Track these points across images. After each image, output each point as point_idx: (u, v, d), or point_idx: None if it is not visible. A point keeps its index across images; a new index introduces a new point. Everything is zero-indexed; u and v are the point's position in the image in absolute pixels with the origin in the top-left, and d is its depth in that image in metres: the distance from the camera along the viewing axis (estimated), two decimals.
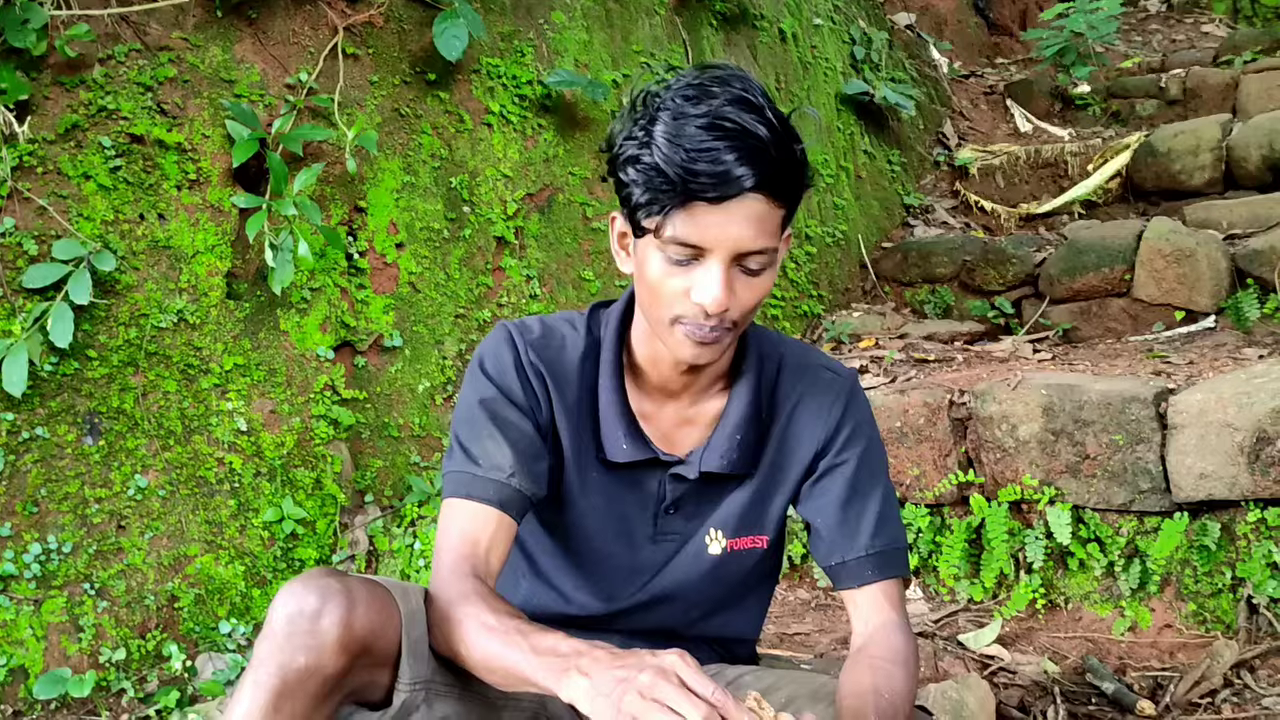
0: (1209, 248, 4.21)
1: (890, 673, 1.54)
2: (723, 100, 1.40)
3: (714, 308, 1.44)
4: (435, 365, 3.63)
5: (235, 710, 1.45)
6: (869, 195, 5.64)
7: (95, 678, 2.71)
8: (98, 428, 2.86)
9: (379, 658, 1.53)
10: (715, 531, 1.73)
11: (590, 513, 1.73)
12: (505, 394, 1.64)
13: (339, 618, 1.45)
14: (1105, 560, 2.94)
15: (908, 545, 1.74)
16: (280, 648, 1.44)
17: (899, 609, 1.66)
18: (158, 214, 3.00)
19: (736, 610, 1.85)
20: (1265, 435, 2.70)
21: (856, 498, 1.68)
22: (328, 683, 1.45)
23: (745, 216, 1.41)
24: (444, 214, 3.67)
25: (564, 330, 1.70)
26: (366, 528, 3.31)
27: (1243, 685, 2.52)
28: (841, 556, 1.67)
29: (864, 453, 1.70)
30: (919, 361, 4.02)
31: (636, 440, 1.67)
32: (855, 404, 1.72)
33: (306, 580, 1.48)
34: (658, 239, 1.44)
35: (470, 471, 1.61)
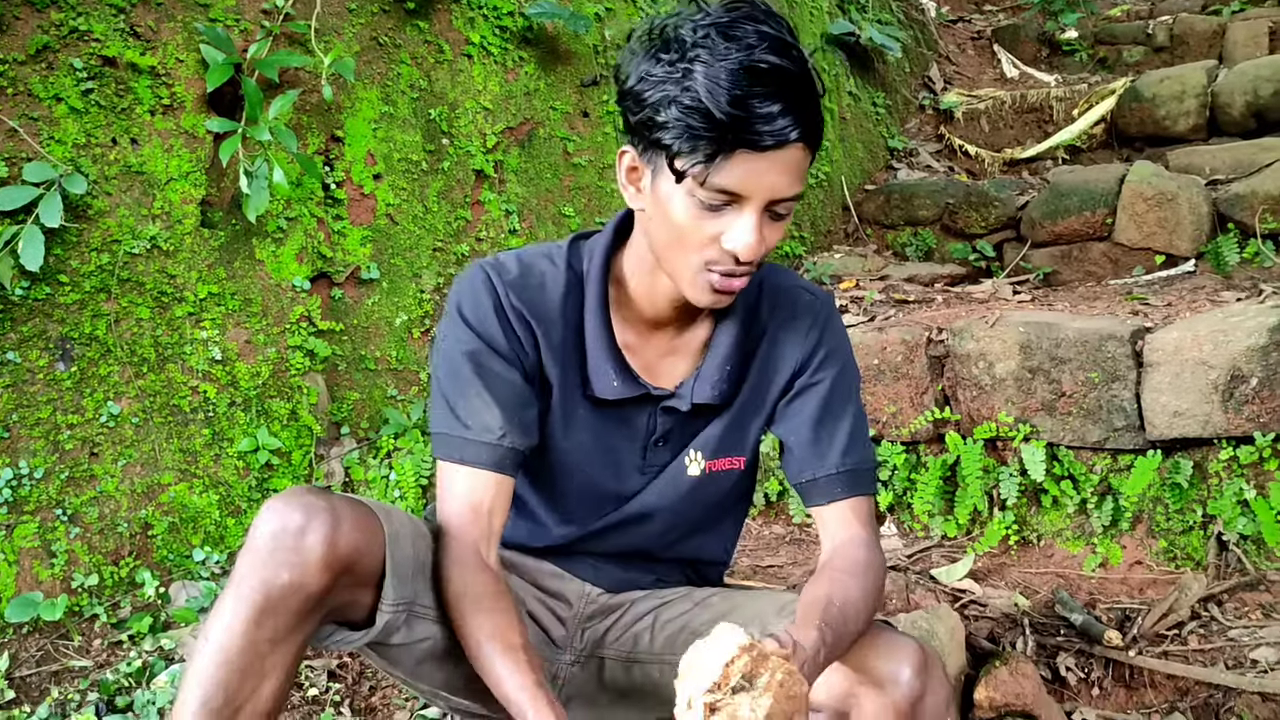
0: (1190, 191, 4.21)
1: (846, 584, 1.56)
2: (759, 41, 1.38)
3: (748, 255, 1.44)
4: (413, 299, 3.60)
5: (215, 623, 1.44)
6: (853, 137, 5.60)
7: (67, 602, 2.70)
8: (70, 353, 2.84)
9: (361, 577, 1.53)
10: (695, 453, 1.75)
11: (576, 449, 1.73)
12: (488, 343, 1.62)
13: (324, 535, 1.45)
14: (1078, 497, 2.96)
15: (876, 464, 1.77)
16: (264, 563, 1.43)
17: (866, 525, 1.68)
18: (130, 139, 2.96)
19: (711, 532, 1.87)
20: (1240, 373, 2.70)
21: (829, 417, 1.70)
22: (310, 600, 1.45)
23: (786, 165, 1.41)
24: (422, 146, 3.63)
25: (543, 266, 1.68)
26: (342, 459, 3.30)
27: (1209, 618, 2.54)
28: (812, 473, 1.69)
29: (839, 373, 1.72)
30: (899, 302, 4.01)
31: (626, 376, 1.66)
32: (832, 325, 1.73)
33: (291, 497, 1.48)
34: (697, 184, 1.42)
35: (460, 435, 1.61)
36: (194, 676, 1.44)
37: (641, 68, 1.45)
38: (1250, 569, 2.71)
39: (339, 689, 2.51)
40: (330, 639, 1.61)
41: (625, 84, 1.48)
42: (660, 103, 1.41)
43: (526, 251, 1.70)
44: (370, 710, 2.48)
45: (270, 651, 1.45)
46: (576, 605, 1.84)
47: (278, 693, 1.49)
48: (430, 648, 1.68)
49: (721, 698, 1.23)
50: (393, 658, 1.70)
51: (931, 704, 1.59)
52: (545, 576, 1.84)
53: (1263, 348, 2.70)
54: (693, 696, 1.24)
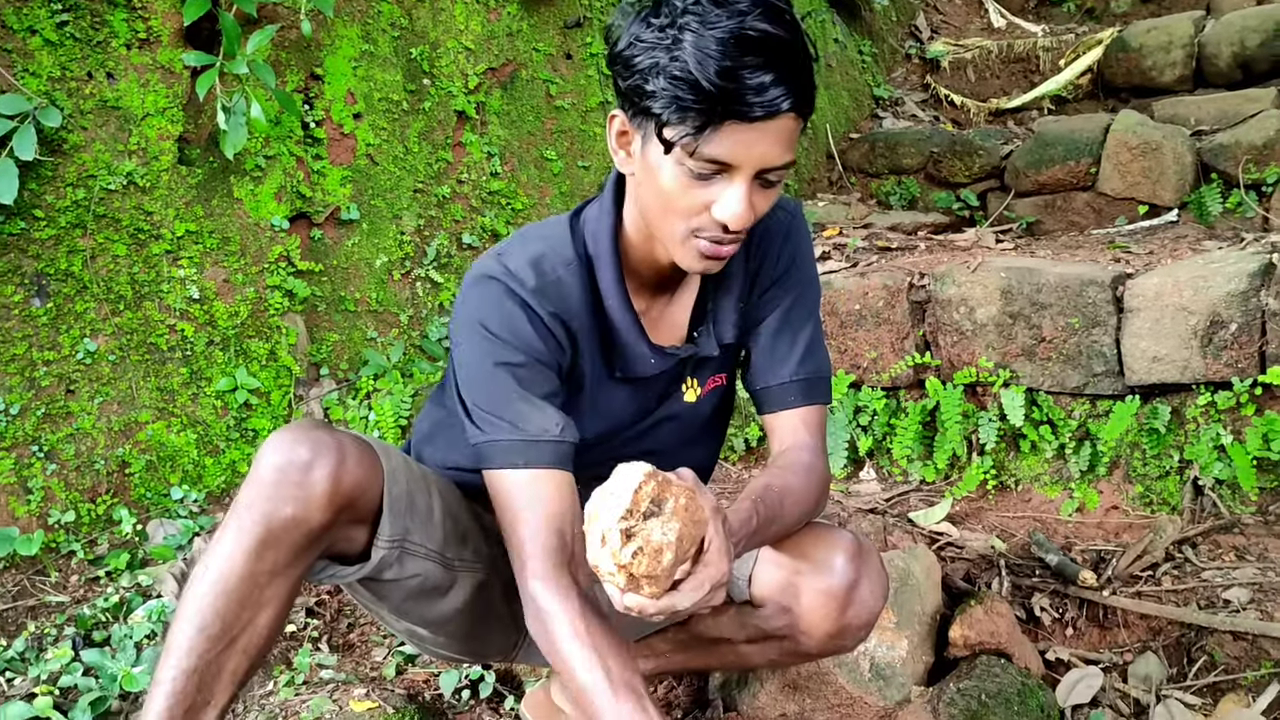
0: (1175, 141, 4.20)
1: (786, 477, 1.61)
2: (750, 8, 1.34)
3: (739, 224, 1.42)
4: (393, 240, 3.57)
5: (215, 553, 1.45)
6: (839, 85, 5.57)
7: (44, 538, 2.69)
8: (45, 289, 2.81)
9: (360, 514, 1.54)
10: (691, 380, 1.77)
11: (603, 416, 1.73)
12: (530, 354, 1.56)
13: (329, 472, 1.45)
14: (1056, 443, 2.97)
15: (831, 374, 1.78)
16: (267, 497, 1.44)
17: (816, 433, 1.72)
18: (106, 73, 2.91)
19: (697, 446, 1.90)
20: (1219, 319, 2.71)
21: (788, 328, 1.72)
22: (311, 536, 1.46)
23: (776, 135, 1.38)
24: (403, 85, 3.59)
25: (553, 258, 1.62)
26: (321, 400, 3.29)
27: (1183, 559, 2.56)
28: (767, 381, 1.72)
29: (802, 286, 1.74)
30: (881, 249, 4.00)
31: (658, 353, 1.67)
32: (801, 237, 1.75)
33: (297, 430, 1.47)
34: (686, 154, 1.39)
35: (519, 438, 1.54)
36: (192, 603, 1.45)
37: (632, 31, 1.41)
38: (1225, 512, 2.73)
39: (317, 625, 2.51)
40: (323, 573, 1.62)
41: (615, 47, 1.44)
42: (649, 71, 1.37)
43: (530, 246, 1.62)
44: (348, 647, 2.48)
45: (268, 583, 1.46)
46: None
47: (273, 624, 1.50)
48: (419, 584, 1.69)
49: (635, 524, 1.26)
50: (381, 593, 1.71)
51: (867, 589, 1.66)
52: None
53: (1242, 293, 2.70)
54: (606, 530, 1.27)
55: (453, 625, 1.81)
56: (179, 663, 1.43)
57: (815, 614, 1.67)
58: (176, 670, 1.43)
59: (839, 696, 2.09)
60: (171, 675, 1.43)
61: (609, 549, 1.27)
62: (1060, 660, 2.28)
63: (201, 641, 1.43)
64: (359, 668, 2.36)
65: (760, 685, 2.15)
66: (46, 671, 2.25)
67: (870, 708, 2.07)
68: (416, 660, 2.38)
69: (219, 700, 1.46)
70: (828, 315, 3.25)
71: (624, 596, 1.30)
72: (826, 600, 1.65)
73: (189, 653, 1.43)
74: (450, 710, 2.21)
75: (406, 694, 2.20)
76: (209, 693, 1.45)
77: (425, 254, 3.67)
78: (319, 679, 2.26)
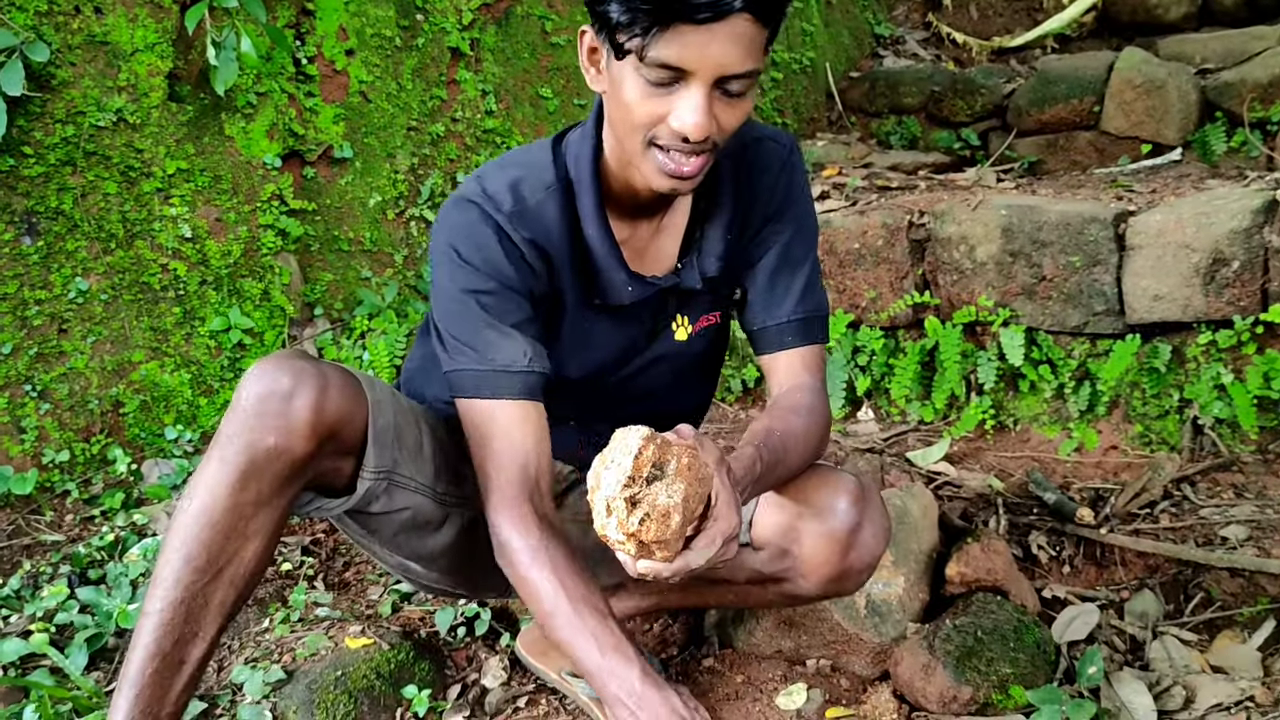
0: (1179, 79, 4.14)
1: (788, 419, 1.59)
2: None
3: (695, 134, 1.38)
4: (386, 179, 3.54)
5: (199, 483, 1.44)
6: (839, 23, 5.49)
7: (38, 477, 2.68)
8: (35, 227, 2.77)
9: (345, 445, 1.53)
10: (681, 318, 1.74)
11: (587, 349, 1.72)
12: (501, 281, 1.56)
13: (311, 401, 1.44)
14: (1056, 382, 2.95)
15: (828, 313, 1.76)
16: (250, 426, 1.42)
17: (815, 373, 1.70)
18: (94, 7, 2.86)
19: (693, 385, 1.89)
20: (1222, 256, 2.68)
21: (786, 267, 1.69)
22: (294, 466, 1.45)
23: (731, 37, 1.33)
24: (396, 21, 3.53)
25: (533, 181, 1.61)
26: (315, 340, 3.26)
27: (1182, 497, 2.55)
28: (764, 321, 1.70)
29: (799, 223, 1.71)
30: (881, 188, 3.96)
31: (636, 279, 1.64)
32: (797, 173, 1.71)
33: (279, 360, 1.46)
34: (638, 60, 1.36)
35: (486, 368, 1.55)
36: (178, 534, 1.44)
37: None
38: (1224, 451, 2.72)
39: (313, 564, 2.51)
40: (309, 506, 1.61)
41: None
42: None
43: (509, 169, 1.62)
44: (344, 585, 2.48)
45: (254, 514, 1.45)
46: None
47: (260, 555, 1.49)
48: (410, 518, 1.68)
49: (639, 490, 1.25)
50: (371, 526, 1.70)
51: (869, 533, 1.64)
52: None
53: (1245, 230, 2.67)
54: (610, 498, 1.25)
55: (445, 561, 1.80)
56: (166, 594, 1.42)
57: (816, 558, 1.65)
58: (164, 602, 1.42)
59: (835, 633, 2.09)
60: (159, 607, 1.42)
61: (615, 518, 1.25)
62: (1057, 598, 2.28)
63: (188, 573, 1.42)
64: (354, 606, 2.36)
65: (756, 622, 2.15)
66: (42, 609, 2.25)
67: (866, 644, 2.07)
68: (412, 599, 2.37)
69: (207, 632, 1.45)
70: (826, 254, 3.22)
71: (636, 564, 1.30)
72: (828, 544, 1.63)
73: (175, 584, 1.42)
74: (446, 647, 2.21)
75: (402, 631, 2.19)
76: (196, 624, 1.44)
77: (419, 193, 3.63)
78: (314, 616, 2.26)
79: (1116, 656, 2.08)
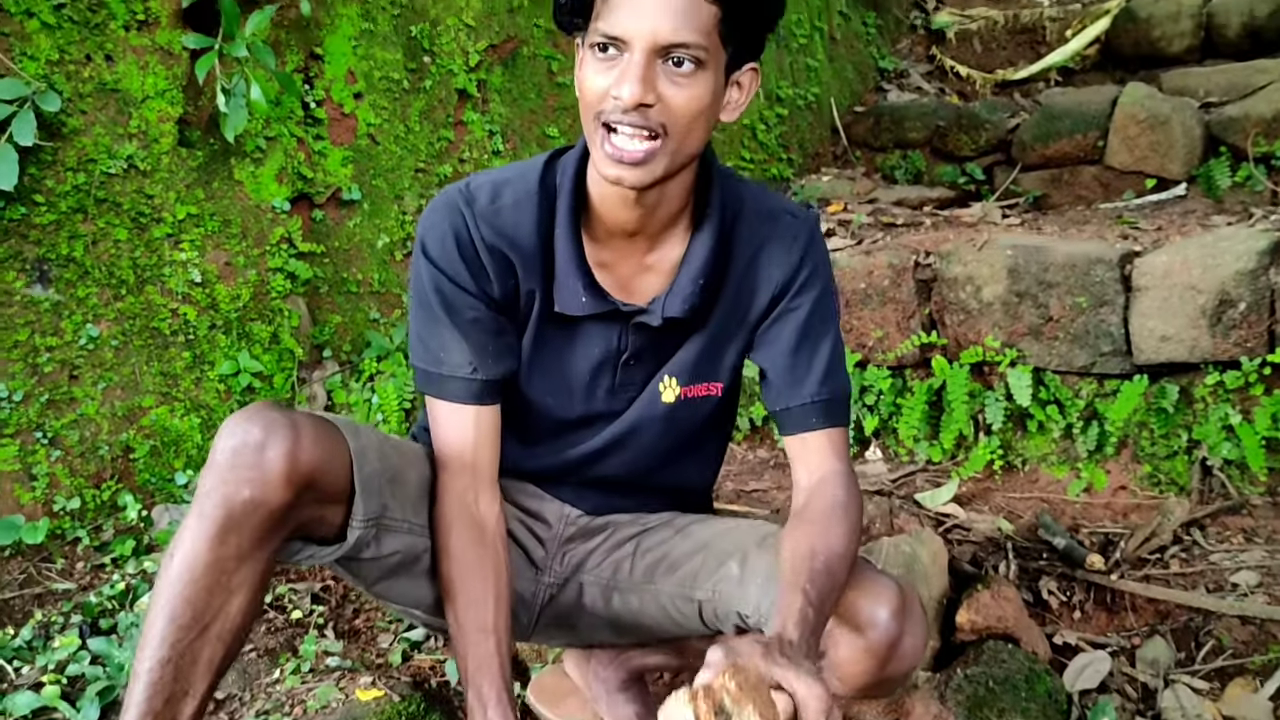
0: (1183, 114, 4.16)
1: (828, 532, 1.52)
2: None
3: (629, 98, 1.40)
4: (394, 220, 3.55)
5: (180, 541, 1.44)
6: (843, 58, 5.52)
7: (49, 525, 2.69)
8: (47, 275, 2.79)
9: (326, 493, 1.52)
10: (669, 379, 1.71)
11: (550, 371, 1.70)
12: (452, 279, 1.60)
13: (284, 450, 1.43)
14: (1064, 422, 2.96)
15: (850, 394, 1.74)
16: (224, 480, 1.42)
17: (842, 458, 1.65)
18: (105, 55, 2.88)
19: (690, 460, 1.84)
20: (1228, 297, 2.69)
21: (807, 344, 1.66)
22: (273, 516, 1.44)
23: (666, 5, 1.38)
24: (404, 64, 3.56)
25: (516, 187, 1.63)
26: (324, 382, 3.28)
27: (1192, 542, 2.55)
28: (787, 402, 1.66)
29: (818, 299, 1.67)
30: (886, 225, 3.98)
31: (593, 292, 1.62)
32: (814, 249, 1.68)
33: (251, 413, 1.46)
34: (587, 38, 1.44)
35: (436, 370, 1.64)
36: (161, 593, 1.43)
37: None
38: (1233, 493, 2.72)
39: (322, 611, 2.51)
40: (300, 554, 1.60)
41: None
42: None
43: (503, 172, 1.66)
44: (354, 633, 2.48)
45: (236, 568, 1.44)
46: (556, 526, 1.83)
47: (246, 608, 1.48)
48: (399, 561, 1.67)
49: None
50: (362, 572, 1.69)
51: (909, 645, 1.56)
52: (525, 496, 1.83)
53: (1251, 272, 2.68)
54: None
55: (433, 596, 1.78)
56: (154, 654, 1.41)
57: (853, 667, 1.57)
58: (152, 662, 1.41)
59: None
60: (148, 667, 1.41)
61: None
62: (1068, 644, 2.28)
63: (174, 631, 1.42)
64: (365, 654, 2.36)
65: None
66: (54, 660, 2.25)
67: None
68: (422, 647, 2.38)
69: (197, 689, 1.45)
70: None
71: None
72: (865, 656, 1.56)
73: (162, 643, 1.41)
74: (457, 697, 2.21)
75: (413, 681, 2.20)
76: (186, 682, 1.43)
77: None
78: (325, 666, 2.26)
79: (1129, 705, 2.08)
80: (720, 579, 1.66)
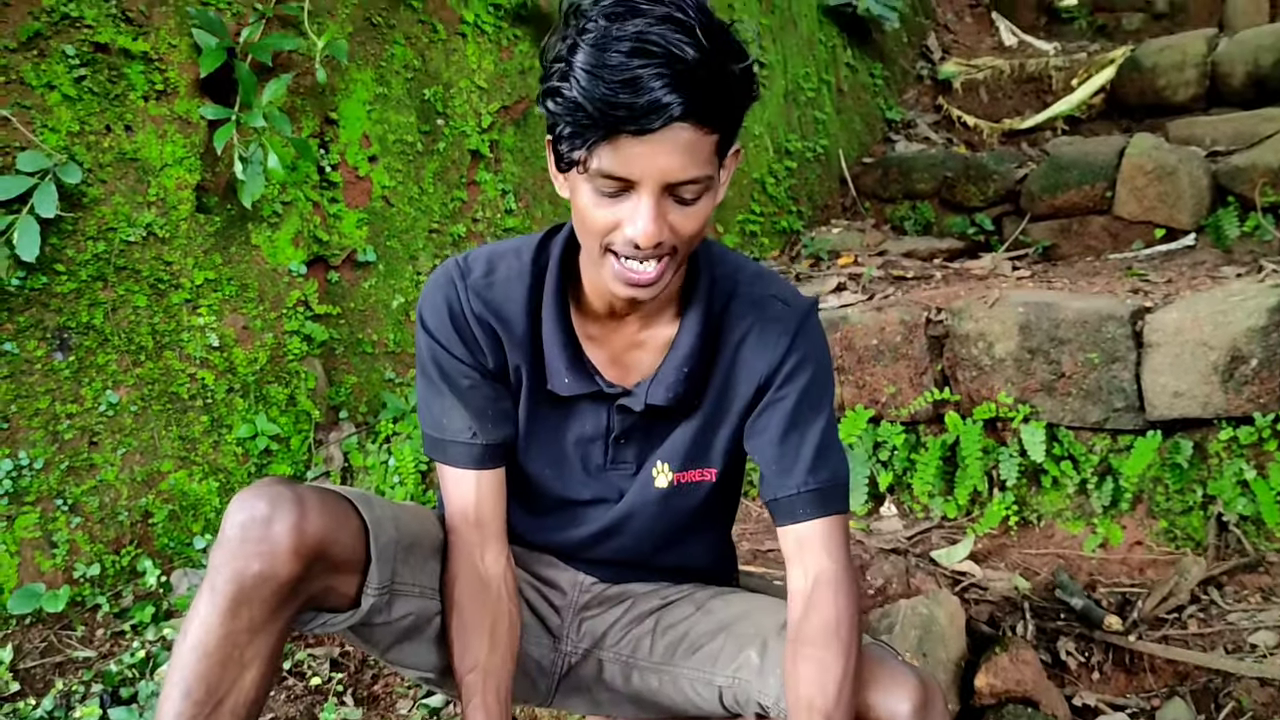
0: (1191, 165, 4.19)
1: (824, 665, 1.50)
2: (650, 19, 1.30)
3: (645, 241, 1.38)
4: (409, 280, 3.59)
5: (192, 618, 1.45)
6: (850, 109, 5.57)
7: (70, 593, 2.71)
8: (67, 343, 2.82)
9: (336, 563, 1.54)
10: (662, 465, 1.70)
11: (546, 447, 1.72)
12: (447, 349, 1.64)
13: (291, 523, 1.46)
14: (1078, 478, 2.96)
15: (848, 479, 1.65)
16: (234, 554, 1.44)
17: (835, 554, 1.59)
18: (124, 125, 2.93)
19: (692, 542, 1.82)
20: (1240, 354, 2.70)
21: (794, 433, 1.61)
22: (283, 589, 1.46)
23: (673, 146, 1.33)
24: (417, 127, 3.61)
25: (510, 262, 1.64)
26: (341, 444, 3.29)
27: (1209, 601, 2.55)
28: (775, 493, 1.60)
29: (805, 386, 1.62)
30: (897, 279, 4.00)
31: (579, 372, 1.63)
32: (803, 337, 1.63)
33: (257, 489, 1.49)
34: (585, 172, 1.37)
35: (438, 435, 1.68)
36: (175, 669, 1.44)
37: (547, 43, 1.40)
38: (1250, 550, 2.72)
39: (341, 678, 2.51)
40: (314, 623, 1.61)
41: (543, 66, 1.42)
42: (548, 95, 1.37)
43: (499, 247, 1.68)
44: (373, 699, 2.49)
45: (249, 642, 1.45)
46: (571, 594, 1.83)
47: (260, 681, 1.49)
48: (411, 624, 1.69)
49: None
50: (374, 638, 1.70)
51: None
52: (539, 563, 1.84)
53: (1262, 328, 2.69)
54: None
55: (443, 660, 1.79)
56: None
57: None
58: None
59: None
60: None
61: None
62: (1087, 706, 2.27)
63: (188, 707, 1.42)
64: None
65: None
66: None
67: None
68: (441, 714, 2.38)
69: None
70: (845, 350, 3.25)
71: None
72: None
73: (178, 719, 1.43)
74: None
75: None
76: None
77: None
78: None
79: None
80: (740, 665, 1.65)
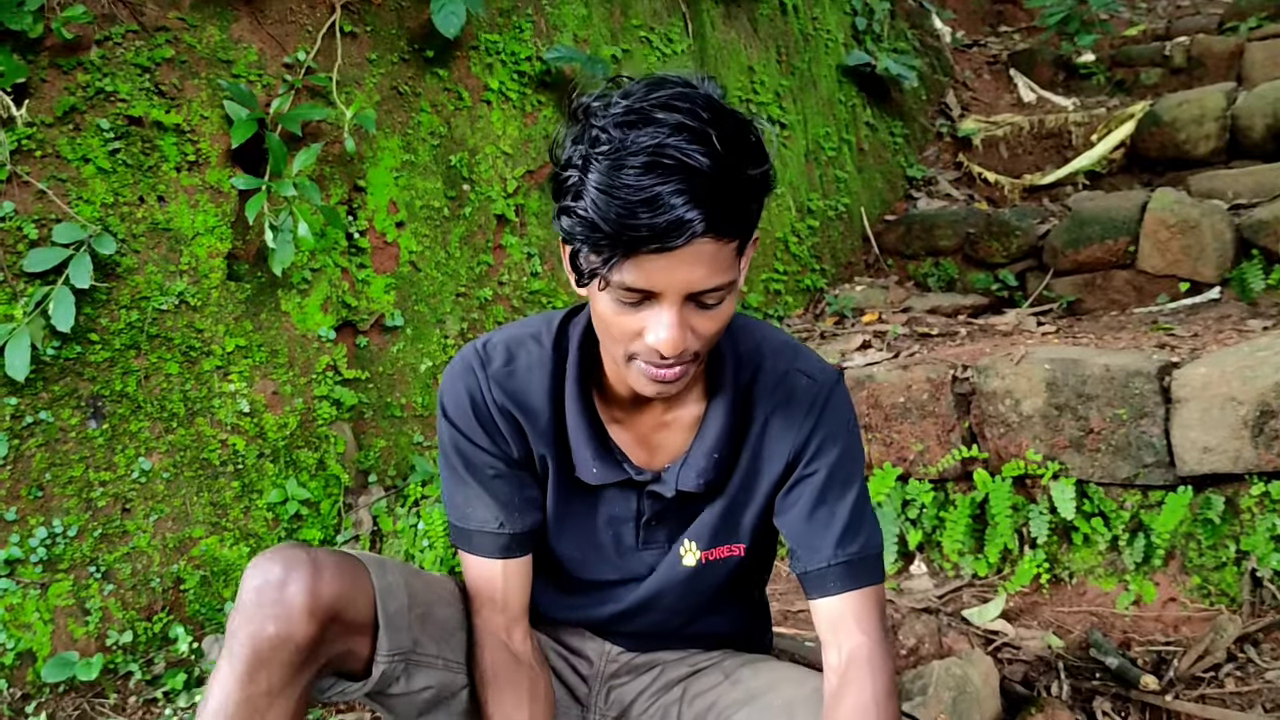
0: (1213, 218, 4.19)
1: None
2: (664, 128, 1.26)
3: (669, 350, 1.36)
4: (437, 344, 3.62)
5: (213, 684, 1.47)
6: (871, 168, 5.61)
7: (102, 660, 2.72)
8: (101, 411, 2.86)
9: (352, 626, 1.55)
10: (690, 543, 1.69)
11: (575, 531, 1.72)
12: (470, 439, 1.63)
13: (305, 586, 1.47)
14: (1109, 534, 2.94)
15: (881, 550, 1.63)
16: (250, 618, 1.46)
17: (869, 628, 1.57)
18: (157, 196, 2.99)
19: (721, 615, 1.83)
20: (1269, 408, 2.69)
21: (823, 508, 1.59)
22: (300, 651, 1.47)
23: (696, 259, 1.30)
24: (444, 192, 3.66)
25: (531, 349, 1.64)
26: (370, 508, 3.31)
27: (1246, 659, 2.52)
28: (805, 566, 1.59)
29: (834, 462, 1.60)
30: (922, 335, 4.01)
31: (607, 461, 1.62)
32: (830, 412, 1.62)
33: (273, 553, 1.51)
34: (605, 287, 1.34)
35: (464, 526, 1.68)
36: None
37: (558, 153, 1.37)
38: None
39: None
40: (331, 691, 1.63)
41: (553, 163, 1.39)
42: (562, 211, 1.33)
43: (517, 332, 1.66)
44: None
45: (268, 705, 1.45)
46: (598, 663, 1.84)
47: None
48: (433, 697, 1.69)
49: None
50: (396, 709, 1.70)
51: None
52: (566, 632, 1.84)
53: None
54: None
55: None
56: None
57: None
58: None
59: None
60: None
61: None
62: None
63: None
64: None
65: None
66: None
67: None
68: None
69: None
70: (872, 408, 3.25)
71: None
72: None
73: None
74: None
75: None
76: None
77: None
78: None
79: None
80: None
